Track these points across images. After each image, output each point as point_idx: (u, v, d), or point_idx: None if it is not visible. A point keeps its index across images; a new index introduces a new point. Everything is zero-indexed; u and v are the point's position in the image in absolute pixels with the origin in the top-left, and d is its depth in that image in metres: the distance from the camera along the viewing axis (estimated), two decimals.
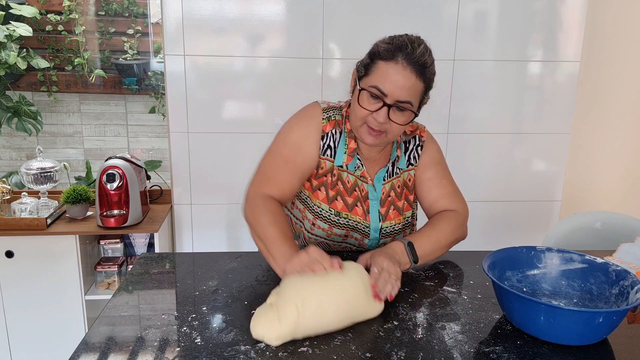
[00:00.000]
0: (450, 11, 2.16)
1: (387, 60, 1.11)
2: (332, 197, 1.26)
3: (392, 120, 1.13)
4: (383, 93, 1.11)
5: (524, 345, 0.89)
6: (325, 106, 1.27)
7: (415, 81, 1.11)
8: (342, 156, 1.25)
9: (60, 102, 3.24)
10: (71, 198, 2.09)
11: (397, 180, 1.30)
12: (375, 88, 1.11)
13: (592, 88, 2.22)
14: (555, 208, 2.43)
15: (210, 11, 2.11)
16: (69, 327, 2.10)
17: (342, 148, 1.25)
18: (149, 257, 1.25)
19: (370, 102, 1.13)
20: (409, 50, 1.10)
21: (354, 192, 1.26)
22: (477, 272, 1.18)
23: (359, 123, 1.17)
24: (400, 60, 1.10)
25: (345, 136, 1.25)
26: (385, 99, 1.11)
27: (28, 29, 2.88)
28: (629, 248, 1.23)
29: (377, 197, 1.28)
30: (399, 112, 1.13)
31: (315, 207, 1.27)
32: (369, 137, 1.17)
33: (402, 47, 1.10)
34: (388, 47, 1.12)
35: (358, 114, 1.15)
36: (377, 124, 1.13)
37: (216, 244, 2.36)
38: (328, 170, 1.26)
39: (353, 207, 1.27)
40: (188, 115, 2.19)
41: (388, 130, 1.15)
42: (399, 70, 1.10)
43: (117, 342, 0.88)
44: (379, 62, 1.12)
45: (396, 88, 1.10)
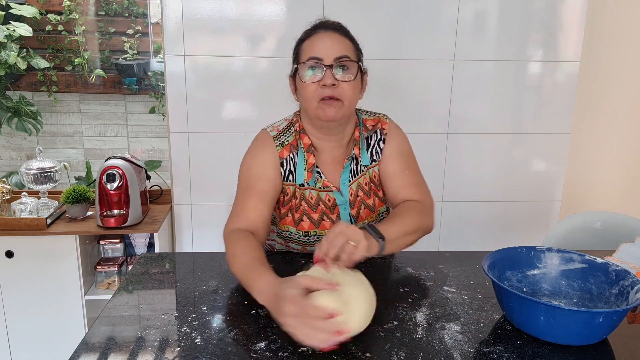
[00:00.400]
0: (450, 11, 2.16)
1: (309, 36, 1.19)
2: (297, 219, 1.27)
3: (340, 80, 1.15)
4: (319, 58, 1.15)
5: (524, 345, 0.89)
6: (275, 132, 1.28)
7: (341, 38, 1.18)
8: (302, 174, 1.25)
9: (60, 102, 3.24)
10: (71, 198, 2.09)
11: (363, 178, 1.29)
12: (310, 59, 1.16)
13: (592, 88, 2.22)
14: (555, 208, 2.43)
15: (210, 11, 2.11)
16: (69, 327, 2.10)
17: (302, 166, 1.25)
18: (149, 257, 1.25)
19: (313, 75, 1.17)
20: (323, 21, 1.21)
21: (319, 207, 1.27)
22: (477, 272, 1.18)
23: (313, 103, 1.17)
24: (320, 30, 1.19)
25: (303, 152, 1.26)
26: (323, 62, 1.15)
27: (28, 29, 2.88)
28: (629, 248, 1.23)
29: (346, 200, 1.27)
30: (343, 71, 1.16)
31: (284, 232, 1.29)
32: (330, 110, 1.16)
33: (317, 23, 1.21)
34: (306, 30, 1.22)
35: (308, 92, 1.17)
36: (329, 90, 1.15)
37: (216, 244, 2.35)
38: (291, 195, 1.27)
39: (320, 222, 1.27)
40: (188, 115, 2.19)
41: (342, 95, 1.16)
42: (322, 36, 1.18)
43: (117, 342, 0.88)
44: (303, 43, 1.20)
45: (327, 48, 1.15)
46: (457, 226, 2.34)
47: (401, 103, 2.22)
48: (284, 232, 1.30)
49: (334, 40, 1.16)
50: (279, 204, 1.28)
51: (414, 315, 0.98)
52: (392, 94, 2.19)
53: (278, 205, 1.29)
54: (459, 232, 2.34)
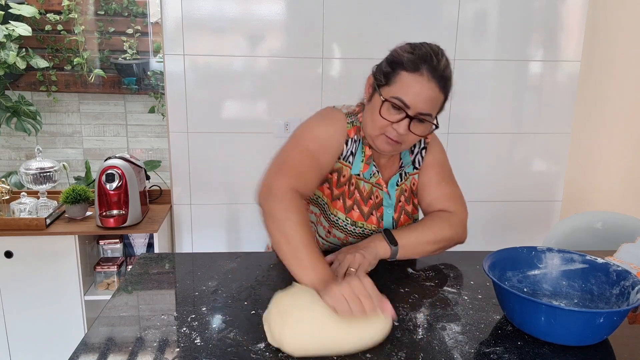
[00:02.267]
0: (450, 11, 2.16)
1: (411, 71, 1.08)
2: (349, 206, 1.24)
3: (412, 132, 1.12)
4: (406, 105, 1.09)
5: (524, 345, 0.88)
6: (346, 111, 1.23)
7: (438, 94, 1.10)
8: (359, 164, 1.23)
9: (59, 101, 3.24)
10: (70, 198, 2.09)
11: (405, 185, 1.29)
12: (398, 99, 1.09)
13: (593, 88, 2.22)
14: (556, 208, 2.43)
15: (209, 11, 2.10)
16: (68, 327, 2.10)
17: (360, 156, 1.22)
18: (148, 258, 1.25)
19: (391, 113, 1.11)
20: (434, 64, 1.08)
21: (370, 201, 1.25)
22: (477, 272, 1.18)
23: (376, 132, 1.14)
24: (425, 72, 1.07)
25: (362, 143, 1.23)
26: (407, 111, 1.09)
27: (27, 28, 2.87)
28: (630, 248, 1.23)
29: (392, 203, 1.27)
30: (419, 124, 1.12)
31: (332, 216, 1.24)
32: (386, 146, 1.15)
33: (427, 58, 1.08)
34: (411, 57, 1.09)
35: (378, 123, 1.13)
36: (396, 135, 1.12)
37: (216, 244, 2.36)
38: (347, 179, 1.23)
39: (369, 216, 1.25)
40: (188, 115, 2.19)
41: (405, 141, 1.14)
42: (424, 82, 1.08)
43: (116, 343, 0.88)
44: (401, 72, 1.09)
45: (419, 100, 1.08)
46: None
47: None
48: (331, 216, 1.24)
49: (430, 94, 1.08)
50: (331, 183, 1.23)
51: (414, 315, 0.98)
52: None
53: (330, 185, 1.23)
54: None
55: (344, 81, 2.21)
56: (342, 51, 2.19)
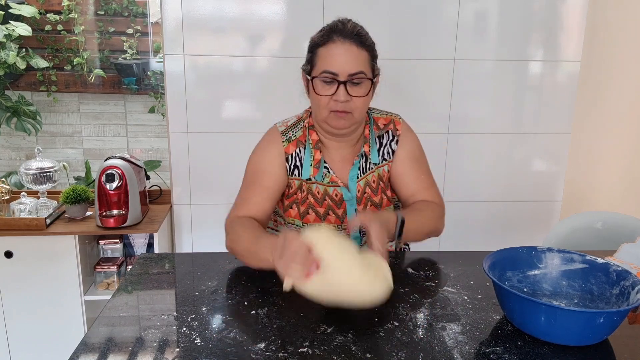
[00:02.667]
0: (450, 11, 2.16)
1: (325, 44, 1.15)
2: (303, 212, 1.28)
3: (353, 95, 1.15)
4: (333, 73, 1.14)
5: (524, 345, 0.88)
6: (284, 128, 1.30)
7: (358, 51, 1.15)
8: (308, 169, 1.26)
9: (59, 101, 3.24)
10: (70, 198, 2.09)
11: (372, 176, 1.30)
12: (325, 72, 1.14)
13: (593, 88, 2.22)
14: (556, 208, 2.43)
15: (209, 11, 2.10)
16: (68, 327, 2.10)
17: (308, 161, 1.26)
18: (148, 258, 1.25)
19: (325, 88, 1.16)
20: (340, 27, 1.16)
21: (325, 202, 1.28)
22: (477, 272, 1.18)
23: (324, 113, 1.18)
24: (337, 38, 1.15)
25: (311, 148, 1.26)
26: (337, 78, 1.14)
27: (27, 28, 2.87)
28: (630, 248, 1.23)
29: (353, 196, 1.28)
30: (355, 86, 1.16)
31: (290, 225, 1.31)
32: (339, 121, 1.18)
33: (334, 27, 1.17)
34: (321, 33, 1.18)
35: (320, 103, 1.17)
36: (340, 105, 1.15)
37: (216, 244, 2.34)
38: (297, 188, 1.28)
39: (325, 216, 1.28)
40: (188, 115, 2.19)
41: (353, 108, 1.17)
42: (338, 46, 1.14)
43: (116, 343, 0.88)
44: (318, 50, 1.17)
45: (343, 63, 1.13)
46: (457, 226, 2.34)
47: (401, 103, 2.21)
48: (289, 225, 1.32)
49: (350, 53, 1.14)
50: (283, 196, 1.31)
51: (414, 315, 0.98)
52: (392, 94, 2.19)
53: (282, 198, 1.31)
54: (459, 232, 2.34)
55: None
56: None
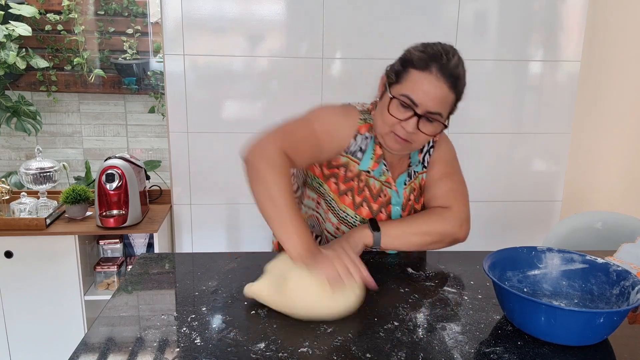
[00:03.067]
0: (450, 11, 2.16)
1: (421, 69, 1.08)
2: (358, 203, 1.24)
3: (421, 131, 1.11)
4: (414, 103, 1.09)
5: (524, 345, 0.88)
6: (361, 108, 1.24)
7: (448, 93, 1.09)
8: (368, 161, 1.23)
9: (59, 101, 3.24)
10: (70, 198, 2.09)
11: (414, 184, 1.30)
12: (407, 97, 1.09)
13: (593, 88, 2.22)
14: (556, 208, 2.43)
15: (209, 11, 2.10)
16: (68, 327, 2.10)
17: (370, 153, 1.22)
18: (148, 258, 1.25)
19: (400, 111, 1.11)
20: (443, 62, 1.08)
21: (379, 198, 1.25)
22: (477, 272, 1.18)
23: (386, 130, 1.14)
24: (435, 70, 1.07)
25: (373, 141, 1.23)
26: (415, 109, 1.09)
27: (27, 28, 2.87)
28: (630, 248, 1.23)
29: (400, 202, 1.27)
30: (428, 123, 1.11)
31: (341, 212, 1.25)
32: (395, 145, 1.15)
33: (437, 57, 1.08)
34: (422, 55, 1.09)
35: (387, 121, 1.13)
36: (405, 133, 1.11)
37: (216, 244, 2.36)
38: (355, 175, 1.23)
39: (378, 213, 1.25)
40: (188, 115, 2.19)
41: (414, 140, 1.14)
42: (432, 80, 1.07)
43: (116, 343, 0.88)
44: (411, 70, 1.10)
45: (428, 99, 1.08)
46: None
47: None
48: (340, 212, 1.25)
49: (439, 92, 1.08)
50: (338, 178, 1.24)
51: (414, 315, 0.98)
52: None
53: (337, 180, 1.24)
54: None
55: (344, 81, 2.21)
56: (342, 51, 2.19)
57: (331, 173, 1.24)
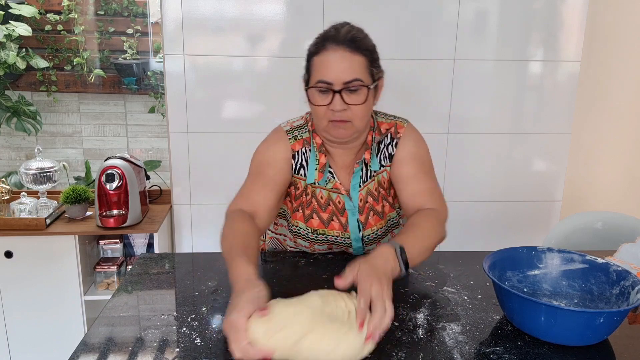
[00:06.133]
0: (450, 11, 2.16)
1: (318, 52, 1.12)
2: (307, 215, 1.26)
3: (350, 104, 1.11)
4: (328, 82, 1.10)
5: (524, 345, 0.88)
6: (289, 127, 1.27)
7: (351, 56, 1.10)
8: (313, 173, 1.24)
9: (59, 101, 3.24)
10: (70, 198, 2.09)
11: (373, 184, 1.26)
12: (319, 82, 1.11)
13: (593, 88, 2.22)
14: (556, 208, 2.43)
15: (209, 11, 2.10)
16: (68, 327, 2.10)
17: (313, 164, 1.24)
18: (148, 258, 1.25)
19: (322, 98, 1.13)
20: (332, 34, 1.12)
21: (329, 207, 1.26)
22: (477, 272, 1.18)
23: (323, 122, 1.15)
24: (329, 45, 1.11)
25: (315, 151, 1.24)
26: (332, 87, 1.11)
27: (27, 28, 2.87)
28: (630, 248, 1.23)
29: (355, 206, 1.25)
30: (352, 94, 1.11)
31: (294, 227, 1.28)
32: (339, 131, 1.15)
33: (327, 34, 1.13)
34: (316, 41, 1.14)
35: (318, 113, 1.15)
36: (338, 115, 1.12)
37: (216, 244, 2.34)
38: (303, 190, 1.26)
39: (329, 222, 1.26)
40: (187, 115, 2.19)
41: (351, 117, 1.13)
42: (331, 54, 1.10)
43: (116, 343, 0.88)
44: (313, 59, 1.14)
45: (337, 72, 1.10)
46: (457, 226, 2.33)
47: (401, 103, 2.21)
48: (293, 227, 1.29)
49: (344, 61, 1.10)
50: (290, 197, 1.28)
51: (414, 315, 0.98)
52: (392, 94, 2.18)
53: (290, 199, 1.28)
54: (459, 232, 2.33)
55: None
56: None
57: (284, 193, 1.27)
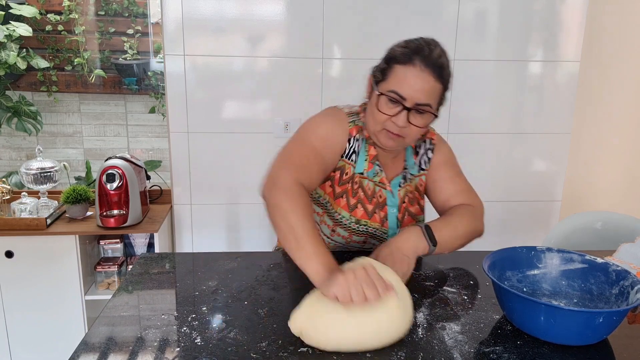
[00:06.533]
0: (450, 11, 2.16)
1: (404, 64, 1.10)
2: (352, 205, 1.24)
3: (412, 124, 1.13)
4: (402, 97, 1.10)
5: (524, 345, 0.88)
6: (348, 111, 1.25)
7: (434, 83, 1.11)
8: (362, 163, 1.24)
9: (60, 102, 3.24)
10: (71, 198, 2.09)
11: (410, 187, 1.30)
12: (394, 92, 1.11)
13: (592, 88, 2.22)
14: (556, 208, 2.43)
15: (210, 11, 2.11)
16: (68, 327, 2.10)
17: (363, 155, 1.24)
18: (148, 257, 1.25)
19: (389, 107, 1.12)
20: (425, 53, 1.10)
21: (374, 199, 1.26)
22: (477, 272, 1.18)
23: (378, 128, 1.16)
24: (418, 63, 1.09)
25: (366, 143, 1.24)
26: (404, 103, 1.11)
27: (28, 28, 2.87)
28: (629, 248, 1.23)
29: (395, 203, 1.27)
30: (418, 115, 1.13)
31: (336, 215, 1.25)
32: (388, 141, 1.16)
33: (419, 50, 1.10)
34: (404, 50, 1.12)
35: (377, 118, 1.14)
36: (397, 128, 1.13)
37: (216, 244, 2.36)
38: (350, 177, 1.24)
39: (372, 214, 1.26)
40: (188, 115, 2.19)
41: (407, 134, 1.15)
42: (417, 73, 1.09)
43: (117, 343, 0.88)
44: (395, 66, 1.12)
45: (415, 91, 1.10)
46: None
47: None
48: (335, 214, 1.25)
49: (425, 84, 1.10)
50: (333, 181, 1.24)
51: (414, 315, 0.98)
52: None
53: (333, 183, 1.24)
54: None
55: (344, 81, 2.21)
56: (342, 51, 2.19)
57: (327, 177, 1.25)
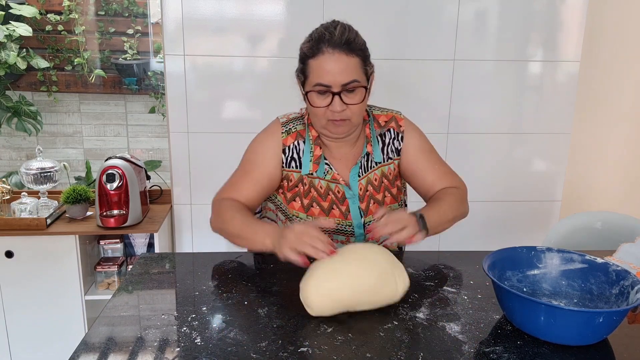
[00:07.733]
0: (450, 11, 2.16)
1: (315, 56, 1.16)
2: (307, 205, 1.29)
3: (349, 104, 1.17)
4: (326, 85, 1.15)
5: (524, 345, 0.89)
6: (285, 120, 1.32)
7: (348, 59, 1.15)
8: (308, 165, 1.28)
9: (60, 102, 3.24)
10: (71, 198, 2.09)
11: (374, 174, 1.31)
12: (318, 85, 1.16)
13: (592, 88, 2.22)
14: (555, 208, 2.43)
15: (210, 11, 2.11)
16: (68, 327, 2.10)
17: (308, 156, 1.28)
18: (148, 257, 1.25)
19: (321, 99, 1.18)
20: (327, 37, 1.15)
21: (329, 196, 1.29)
22: (477, 272, 1.18)
23: (322, 122, 1.21)
24: (325, 49, 1.15)
25: (311, 144, 1.28)
26: (331, 90, 1.15)
27: (28, 28, 2.87)
28: (629, 248, 1.23)
29: (355, 194, 1.29)
30: (350, 94, 1.17)
31: (294, 218, 1.30)
32: (338, 129, 1.21)
33: (321, 37, 1.16)
34: (310, 44, 1.18)
35: (317, 114, 1.20)
36: (337, 115, 1.17)
37: (216, 244, 2.35)
38: (298, 181, 1.28)
39: (330, 210, 1.29)
40: (188, 115, 2.19)
41: (349, 115, 1.19)
42: (328, 58, 1.14)
43: (117, 343, 0.88)
44: (309, 61, 1.18)
45: (334, 75, 1.14)
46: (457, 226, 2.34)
47: (401, 103, 2.21)
48: (293, 217, 1.30)
49: (341, 63, 1.14)
50: (283, 189, 1.31)
51: (414, 315, 0.98)
52: (392, 94, 2.19)
53: (284, 191, 1.31)
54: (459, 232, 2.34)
55: None
56: None
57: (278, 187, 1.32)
